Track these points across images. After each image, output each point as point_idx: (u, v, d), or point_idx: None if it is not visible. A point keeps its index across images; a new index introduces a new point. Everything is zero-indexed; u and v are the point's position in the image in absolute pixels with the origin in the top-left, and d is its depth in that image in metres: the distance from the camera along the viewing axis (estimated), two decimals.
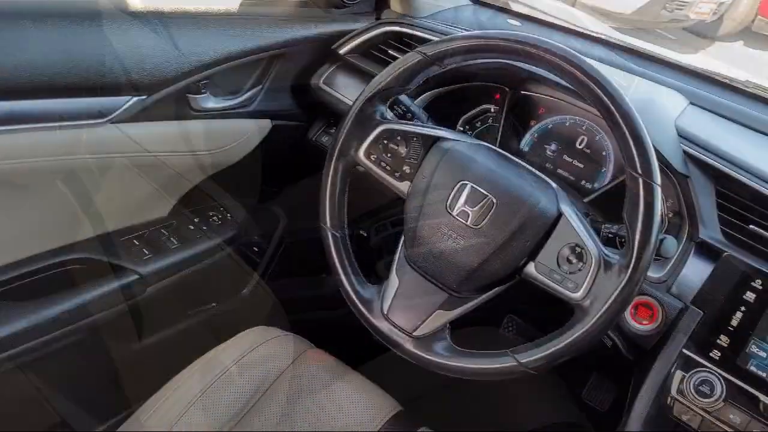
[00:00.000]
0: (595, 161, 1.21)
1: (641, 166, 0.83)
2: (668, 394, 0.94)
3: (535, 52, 0.87)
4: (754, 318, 0.92)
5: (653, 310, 0.98)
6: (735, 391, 0.90)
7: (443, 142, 0.97)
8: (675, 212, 1.08)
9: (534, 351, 0.86)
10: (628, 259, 0.83)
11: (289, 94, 1.38)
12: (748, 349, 0.91)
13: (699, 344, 0.93)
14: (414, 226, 0.94)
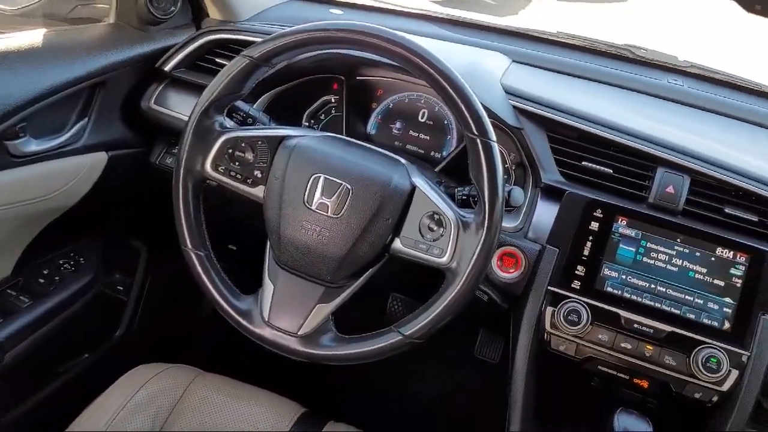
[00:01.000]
0: (439, 131, 1.27)
1: (476, 127, 0.88)
2: (544, 330, 1.01)
3: (356, 37, 0.90)
4: (600, 244, 1.01)
5: (516, 258, 1.05)
6: (599, 313, 0.99)
7: (289, 140, 0.97)
8: (518, 164, 1.16)
9: (415, 321, 0.90)
10: (482, 216, 0.88)
11: (121, 122, 1.31)
12: (602, 273, 1.00)
13: (561, 279, 1.01)
14: (277, 228, 0.93)
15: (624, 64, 1.45)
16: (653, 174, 1.07)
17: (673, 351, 0.96)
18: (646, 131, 1.12)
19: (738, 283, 0.97)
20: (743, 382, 0.94)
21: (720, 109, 1.35)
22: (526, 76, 1.29)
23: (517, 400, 1.03)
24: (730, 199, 1.06)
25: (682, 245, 1.00)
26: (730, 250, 0.99)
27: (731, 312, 0.96)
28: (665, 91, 1.37)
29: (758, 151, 1.19)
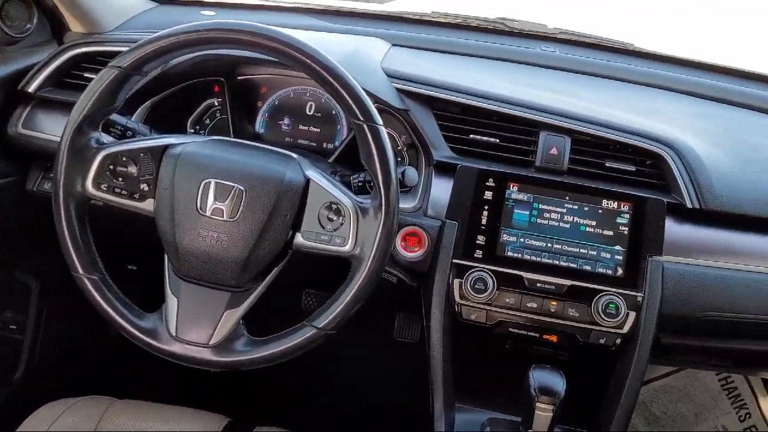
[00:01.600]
0: (329, 122, 1.26)
1: (361, 113, 0.89)
2: (454, 302, 1.03)
3: (227, 36, 0.88)
4: (496, 212, 1.05)
5: (419, 236, 1.07)
6: (503, 277, 1.02)
7: (173, 149, 0.93)
8: (409, 145, 1.18)
9: (327, 313, 0.90)
10: (379, 200, 0.89)
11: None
12: (501, 239, 1.04)
13: (463, 250, 1.03)
14: (172, 240, 0.90)
15: (498, 36, 1.50)
16: (537, 138, 1.11)
17: (575, 303, 1.01)
18: (526, 98, 1.16)
19: (625, 231, 1.04)
20: (640, 321, 1.01)
21: (591, 70, 1.42)
22: (407, 58, 1.31)
23: (437, 372, 1.05)
24: (608, 153, 1.12)
25: (571, 203, 1.05)
26: (614, 201, 1.05)
27: (622, 258, 1.02)
28: (539, 58, 1.43)
29: (627, 105, 1.26)
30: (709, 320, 1.04)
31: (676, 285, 1.03)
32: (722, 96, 1.40)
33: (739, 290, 1.04)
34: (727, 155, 1.14)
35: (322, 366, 1.73)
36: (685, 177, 1.07)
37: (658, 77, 1.43)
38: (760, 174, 1.13)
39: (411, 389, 1.12)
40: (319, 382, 1.77)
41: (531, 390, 0.93)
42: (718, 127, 1.27)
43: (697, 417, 1.86)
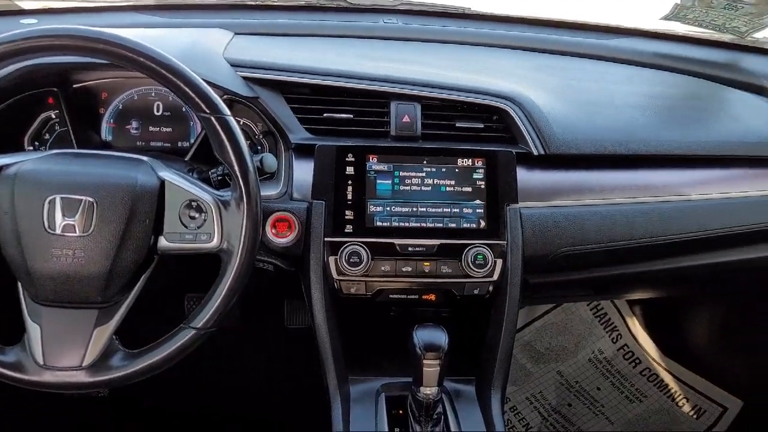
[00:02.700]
0: (180, 120, 1.23)
1: (205, 105, 0.87)
2: (332, 279, 1.05)
3: (48, 42, 0.83)
4: (360, 185, 1.07)
5: (288, 221, 1.07)
6: (376, 247, 1.05)
7: (7, 170, 0.87)
8: (266, 132, 1.17)
9: (204, 312, 0.88)
10: (239, 191, 0.88)
11: None
12: (369, 211, 1.06)
13: (334, 227, 1.05)
14: (23, 265, 0.85)
15: (341, 14, 1.52)
16: (388, 109, 1.14)
17: (447, 260, 1.06)
18: (374, 72, 1.19)
19: (482, 185, 1.09)
20: (508, 267, 1.07)
21: (434, 37, 1.48)
22: (251, 46, 1.29)
23: (326, 350, 1.07)
24: (457, 114, 1.17)
25: (429, 166, 1.09)
26: (468, 158, 1.10)
27: (483, 211, 1.08)
28: (383, 31, 1.47)
29: (470, 67, 1.33)
30: (567, 255, 1.12)
31: (535, 228, 1.11)
32: (556, 48, 1.50)
33: (588, 224, 1.13)
34: (564, 102, 1.23)
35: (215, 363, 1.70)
36: (529, 127, 1.14)
37: (497, 37, 1.52)
38: (595, 116, 1.23)
39: (307, 374, 1.13)
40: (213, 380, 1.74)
41: (416, 349, 0.96)
42: (555, 77, 1.36)
43: (576, 346, 2.02)
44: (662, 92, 1.39)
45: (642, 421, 1.88)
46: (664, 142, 1.18)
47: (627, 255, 1.18)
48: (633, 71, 1.47)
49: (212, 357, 1.69)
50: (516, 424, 1.84)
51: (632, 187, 1.16)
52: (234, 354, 1.74)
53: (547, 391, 1.92)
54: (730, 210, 1.19)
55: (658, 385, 1.96)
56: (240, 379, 1.78)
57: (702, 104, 1.38)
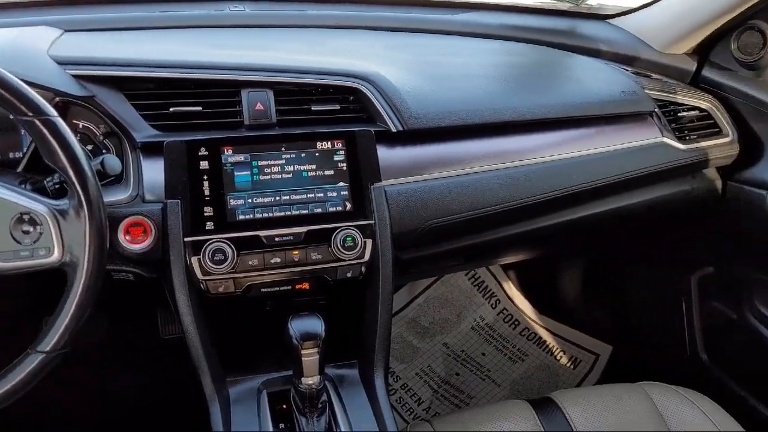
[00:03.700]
0: (9, 129, 1.10)
1: (27, 107, 0.79)
2: (197, 280, 0.99)
3: None
4: (217, 179, 1.02)
5: (144, 225, 1.00)
6: (241, 242, 1.00)
7: None
8: (108, 133, 1.08)
9: (52, 333, 0.81)
10: (77, 198, 0.81)
11: None
12: (229, 205, 1.02)
13: (193, 226, 0.99)
14: None
15: (183, 3, 1.44)
16: (240, 98, 1.10)
17: (316, 246, 1.04)
18: (220, 60, 1.13)
19: (344, 167, 1.08)
20: (378, 246, 1.07)
21: (284, 22, 1.44)
22: (83, 42, 1.20)
23: (199, 356, 1.01)
24: (312, 98, 1.15)
25: (288, 153, 1.06)
26: (327, 141, 1.08)
27: (348, 193, 1.07)
28: (230, 19, 1.41)
29: (322, 49, 1.31)
30: (434, 228, 1.14)
31: (400, 204, 1.11)
32: (407, 26, 1.52)
33: (452, 195, 1.15)
34: (418, 78, 1.24)
35: (91, 384, 1.59)
36: (384, 105, 1.14)
37: (347, 18, 1.51)
38: (448, 89, 1.25)
39: (188, 383, 1.07)
40: (90, 404, 1.63)
41: (293, 340, 0.94)
42: (407, 54, 1.37)
43: (459, 317, 2.08)
44: (510, 61, 1.45)
45: (526, 380, 1.97)
46: (515, 109, 1.23)
47: (492, 221, 1.21)
48: (482, 44, 1.52)
49: (83, 377, 1.58)
50: (408, 400, 1.87)
51: (490, 154, 1.20)
52: (106, 371, 1.63)
53: (435, 364, 1.97)
54: (581, 167, 1.26)
55: (537, 343, 2.06)
56: (115, 396, 1.67)
57: (547, 70, 1.45)
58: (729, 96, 1.44)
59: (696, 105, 1.41)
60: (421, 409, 1.86)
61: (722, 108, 1.43)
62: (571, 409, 1.14)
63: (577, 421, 1.12)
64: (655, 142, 1.32)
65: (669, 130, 1.35)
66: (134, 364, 1.69)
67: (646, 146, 1.31)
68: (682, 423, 1.14)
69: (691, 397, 1.19)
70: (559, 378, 1.99)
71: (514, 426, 1.11)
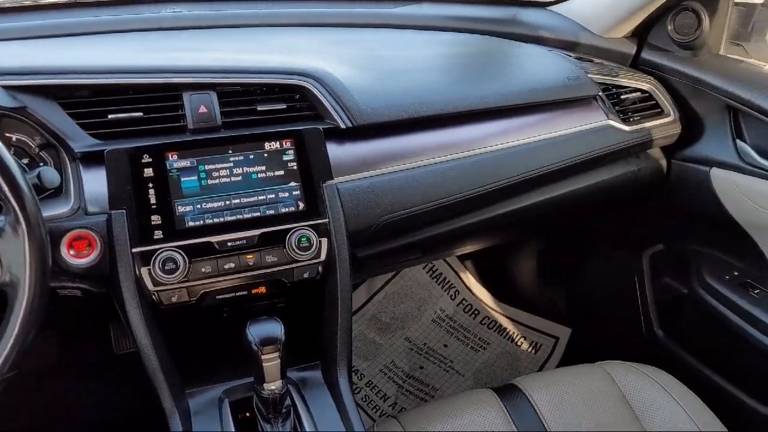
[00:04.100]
0: None
1: None
2: (149, 292, 0.96)
3: None
4: (163, 186, 0.99)
5: (89, 238, 0.96)
6: (192, 249, 0.97)
7: None
8: (44, 145, 1.04)
9: None
10: (14, 214, 0.77)
11: None
12: (177, 212, 0.99)
13: (141, 236, 0.96)
14: None
15: (118, 8, 1.40)
16: (182, 101, 1.07)
17: (271, 249, 1.02)
18: (159, 64, 1.10)
19: (294, 166, 1.06)
20: (333, 245, 1.05)
21: (222, 22, 1.41)
22: (12, 52, 1.15)
23: (155, 370, 0.98)
24: (258, 97, 1.12)
25: (235, 155, 1.04)
26: (275, 141, 1.06)
27: (300, 193, 1.05)
28: (167, 21, 1.37)
29: (266, 48, 1.29)
30: (389, 223, 1.13)
31: (354, 201, 1.10)
32: (352, 21, 1.50)
33: (405, 189, 1.14)
34: (365, 73, 1.23)
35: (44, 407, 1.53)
36: (332, 101, 1.13)
37: (291, 16, 1.48)
38: (397, 82, 1.24)
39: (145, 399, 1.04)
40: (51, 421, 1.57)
41: (252, 345, 0.92)
42: (353, 49, 1.35)
43: (419, 310, 2.08)
44: (456, 52, 1.45)
45: (489, 368, 1.99)
46: (463, 99, 1.23)
47: (446, 212, 1.21)
48: (428, 36, 1.51)
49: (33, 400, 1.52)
50: (373, 397, 1.86)
51: (440, 146, 1.19)
52: (58, 392, 1.57)
53: (398, 359, 1.96)
54: (531, 153, 1.27)
55: (498, 331, 2.08)
56: (74, 413, 1.61)
57: (493, 60, 1.46)
58: (668, 76, 1.47)
59: (638, 87, 1.44)
60: (387, 405, 1.85)
61: (663, 88, 1.46)
62: (534, 394, 1.15)
63: (541, 405, 1.13)
64: (601, 125, 1.34)
65: (613, 112, 1.38)
66: (90, 381, 1.63)
67: (593, 129, 1.33)
68: (641, 398, 1.16)
69: (649, 373, 1.22)
70: (521, 364, 2.01)
71: (480, 415, 1.11)
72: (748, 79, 1.34)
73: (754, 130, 1.35)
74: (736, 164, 1.37)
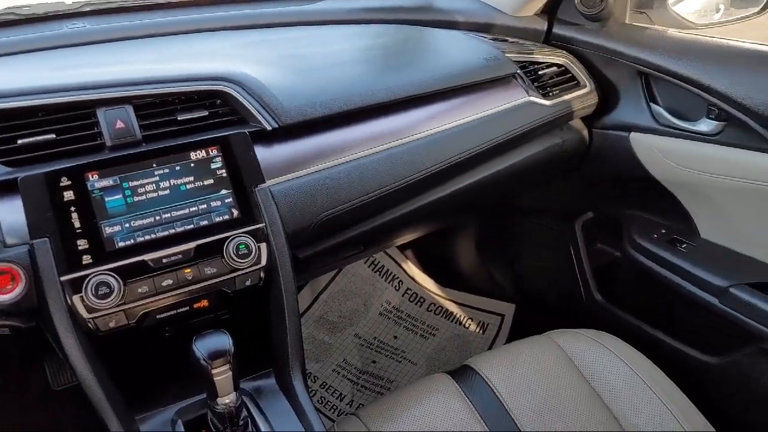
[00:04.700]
0: None
1: None
2: (83, 320, 0.91)
3: None
4: (86, 208, 0.94)
5: (11, 272, 0.91)
6: (125, 270, 0.93)
7: None
8: None
9: None
10: None
11: None
12: (105, 234, 0.94)
13: (68, 263, 0.91)
14: None
15: (14, 28, 1.32)
16: (96, 119, 1.02)
17: (209, 260, 0.99)
18: (68, 81, 1.05)
19: (224, 173, 1.03)
20: (273, 248, 1.03)
21: (132, 33, 1.35)
22: None
23: (100, 399, 0.93)
24: (177, 107, 1.09)
25: (160, 168, 1.00)
26: (201, 149, 1.03)
27: (232, 200, 1.02)
28: (69, 38, 1.31)
29: (181, 56, 1.25)
30: (328, 220, 1.12)
31: (289, 202, 1.08)
32: (267, 21, 1.47)
33: (339, 184, 1.13)
34: (286, 72, 1.21)
35: None
36: (255, 104, 1.10)
37: (204, 21, 1.44)
38: (319, 79, 1.22)
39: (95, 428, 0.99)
40: None
41: (201, 361, 0.89)
42: (272, 49, 1.33)
43: (365, 305, 2.08)
44: (375, 44, 1.45)
45: (440, 353, 2.01)
46: (386, 89, 1.22)
47: (383, 203, 1.21)
48: (343, 29, 1.50)
49: None
50: (330, 398, 1.85)
51: (369, 138, 1.19)
52: None
53: (350, 356, 1.95)
54: (459, 137, 1.28)
55: (445, 315, 2.11)
56: None
57: (412, 48, 1.46)
58: (580, 49, 1.52)
59: (553, 62, 1.48)
60: (344, 404, 1.84)
61: (577, 61, 1.50)
62: (487, 371, 1.17)
63: (495, 382, 1.15)
64: (522, 102, 1.37)
65: (533, 88, 1.41)
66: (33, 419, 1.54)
67: (516, 107, 1.36)
68: (589, 362, 1.20)
69: (594, 337, 1.26)
70: (471, 345, 2.04)
71: (437, 400, 1.12)
72: (654, 45, 1.40)
73: (666, 93, 1.41)
74: (652, 127, 1.43)
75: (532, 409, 1.11)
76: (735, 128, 1.29)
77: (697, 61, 1.31)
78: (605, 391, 1.16)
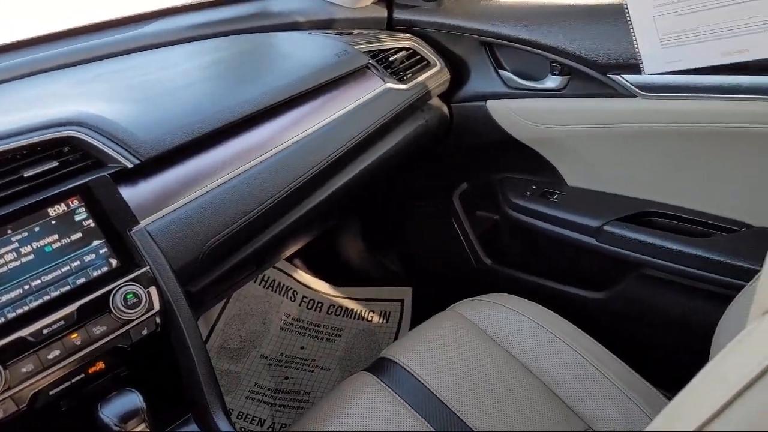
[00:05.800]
0: None
1: None
2: None
3: None
4: None
5: None
6: (4, 351, 0.84)
7: None
8: None
9: None
10: None
11: None
12: None
13: None
14: None
15: None
16: None
17: (96, 319, 0.91)
18: None
19: (91, 223, 0.95)
20: (163, 290, 0.97)
21: None
22: None
23: None
24: (20, 163, 0.98)
25: (17, 233, 0.90)
26: (59, 203, 0.94)
27: (107, 249, 0.95)
28: None
29: (13, 105, 1.13)
30: (214, 248, 1.07)
31: (170, 238, 1.02)
32: (104, 52, 1.38)
33: (218, 208, 1.08)
34: (135, 103, 1.14)
35: None
36: (108, 143, 1.03)
37: (40, 61, 1.32)
38: (171, 104, 1.16)
39: None
40: None
41: (113, 427, 0.82)
42: (116, 81, 1.25)
43: (265, 323, 2.02)
44: (222, 57, 1.40)
45: (350, 352, 2.00)
46: (244, 102, 1.19)
47: (266, 218, 1.17)
48: (185, 48, 1.44)
49: None
50: (250, 426, 1.78)
51: (241, 154, 1.15)
52: None
53: (261, 379, 1.90)
54: (329, 135, 1.27)
55: (346, 315, 2.10)
56: None
57: (260, 56, 1.43)
58: (423, 29, 1.56)
59: (401, 46, 1.50)
60: (266, 428, 1.79)
61: (423, 42, 1.55)
62: (404, 359, 1.18)
63: (414, 367, 1.16)
64: (381, 90, 1.39)
65: (388, 75, 1.43)
66: None
67: (376, 96, 1.37)
68: (496, 325, 1.24)
69: (494, 300, 1.31)
70: (378, 336, 2.05)
71: (364, 398, 1.11)
72: (490, 15, 1.47)
73: (510, 58, 1.49)
74: (504, 92, 1.50)
75: (457, 384, 1.14)
76: (578, 80, 1.39)
77: (533, 24, 1.39)
78: (517, 348, 1.21)
